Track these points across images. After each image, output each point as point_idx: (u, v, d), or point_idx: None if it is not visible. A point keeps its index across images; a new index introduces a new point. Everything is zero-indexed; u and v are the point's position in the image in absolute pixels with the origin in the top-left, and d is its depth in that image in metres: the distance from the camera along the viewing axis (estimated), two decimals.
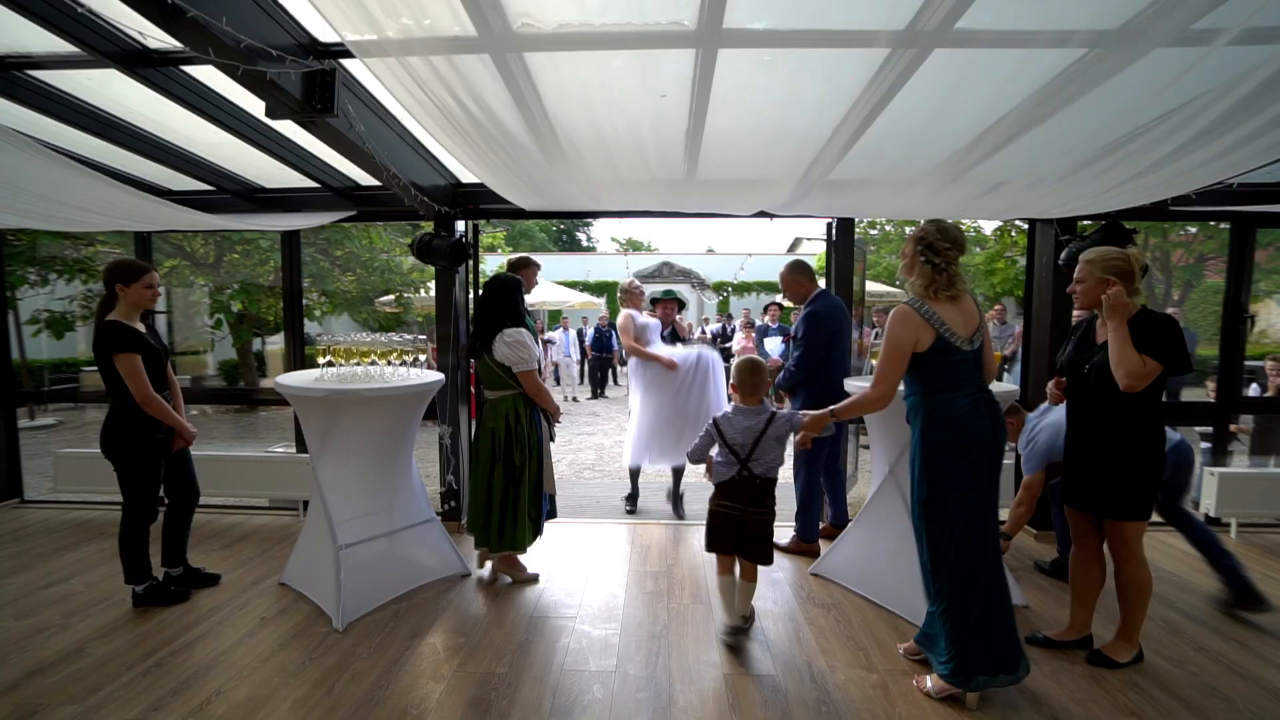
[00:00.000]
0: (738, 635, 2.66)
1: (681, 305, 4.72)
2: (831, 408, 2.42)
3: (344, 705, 2.22)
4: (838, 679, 2.40)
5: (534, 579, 3.25)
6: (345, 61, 2.52)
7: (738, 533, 2.57)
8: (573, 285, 17.23)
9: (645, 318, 4.33)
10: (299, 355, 4.21)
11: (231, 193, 3.91)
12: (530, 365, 3.02)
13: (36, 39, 2.40)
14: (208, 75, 2.70)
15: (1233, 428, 4.94)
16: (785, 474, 3.06)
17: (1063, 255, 3.52)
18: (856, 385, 3.08)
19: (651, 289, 4.80)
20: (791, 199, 3.35)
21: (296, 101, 2.24)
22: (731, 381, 2.66)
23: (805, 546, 3.66)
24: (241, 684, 2.34)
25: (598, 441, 8.02)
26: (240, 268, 9.21)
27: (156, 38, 2.35)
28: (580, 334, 13.88)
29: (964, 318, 2.20)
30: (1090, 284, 2.33)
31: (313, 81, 2.27)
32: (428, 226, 3.94)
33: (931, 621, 2.30)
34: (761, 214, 3.72)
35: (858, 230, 4.14)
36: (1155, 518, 2.54)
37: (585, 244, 41.44)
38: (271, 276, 9.45)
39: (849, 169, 3.05)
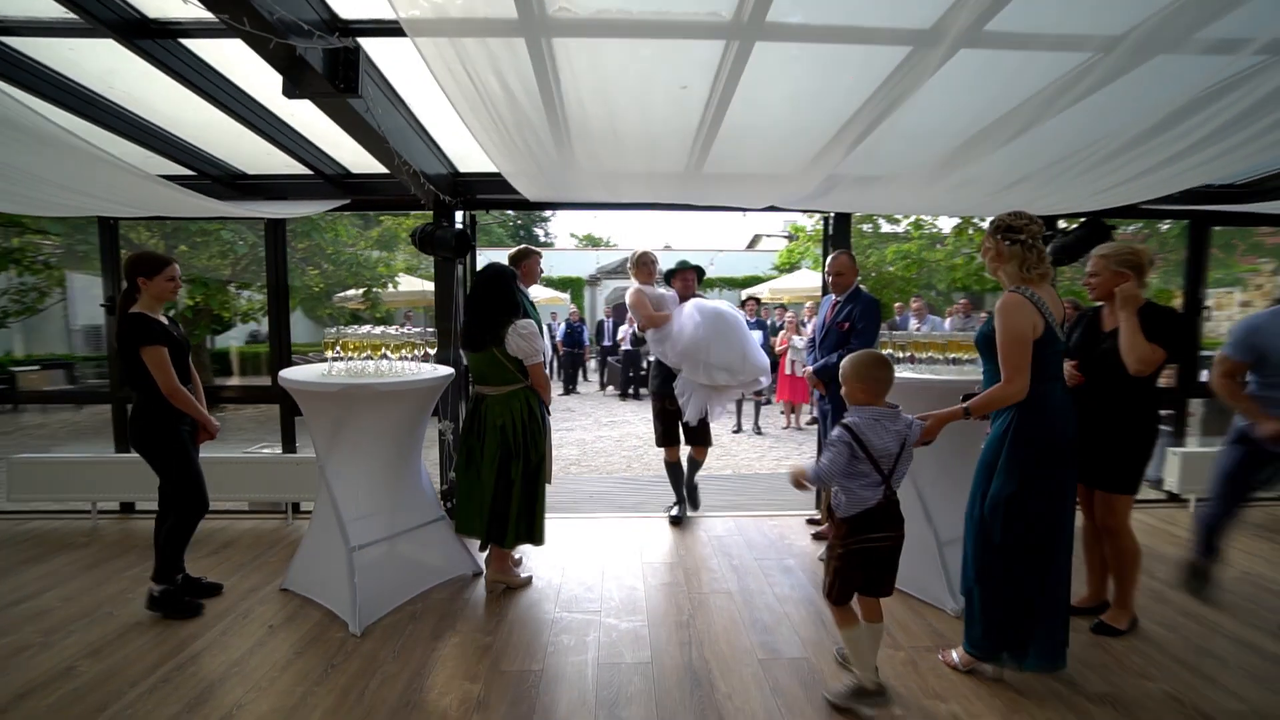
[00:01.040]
0: (864, 700, 2.15)
1: (701, 275, 4.13)
2: (965, 405, 2.19)
3: (379, 711, 2.13)
4: None
5: (527, 582, 3.15)
6: (361, 40, 2.41)
7: (882, 568, 2.13)
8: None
9: (659, 290, 3.94)
10: (285, 352, 4.00)
11: (212, 178, 3.67)
12: (540, 358, 2.96)
13: (13, 4, 2.19)
14: (206, 51, 2.53)
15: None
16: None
17: (1049, 249, 3.70)
18: None
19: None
20: (810, 193, 3.39)
21: (320, 80, 2.13)
22: (856, 382, 2.12)
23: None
24: (263, 695, 2.22)
25: (578, 437, 7.96)
26: (195, 260, 8.65)
27: (158, 8, 2.22)
28: (550, 329, 13.74)
29: (1056, 304, 2.20)
30: (1105, 277, 2.47)
31: (336, 60, 2.17)
32: (409, 220, 3.81)
33: (970, 599, 2.32)
34: (772, 208, 3.77)
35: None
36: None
37: (543, 239, 40.92)
38: (228, 271, 8.94)
39: (862, 165, 3.12)
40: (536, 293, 14.33)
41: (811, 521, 4.00)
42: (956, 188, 3.48)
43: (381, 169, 3.59)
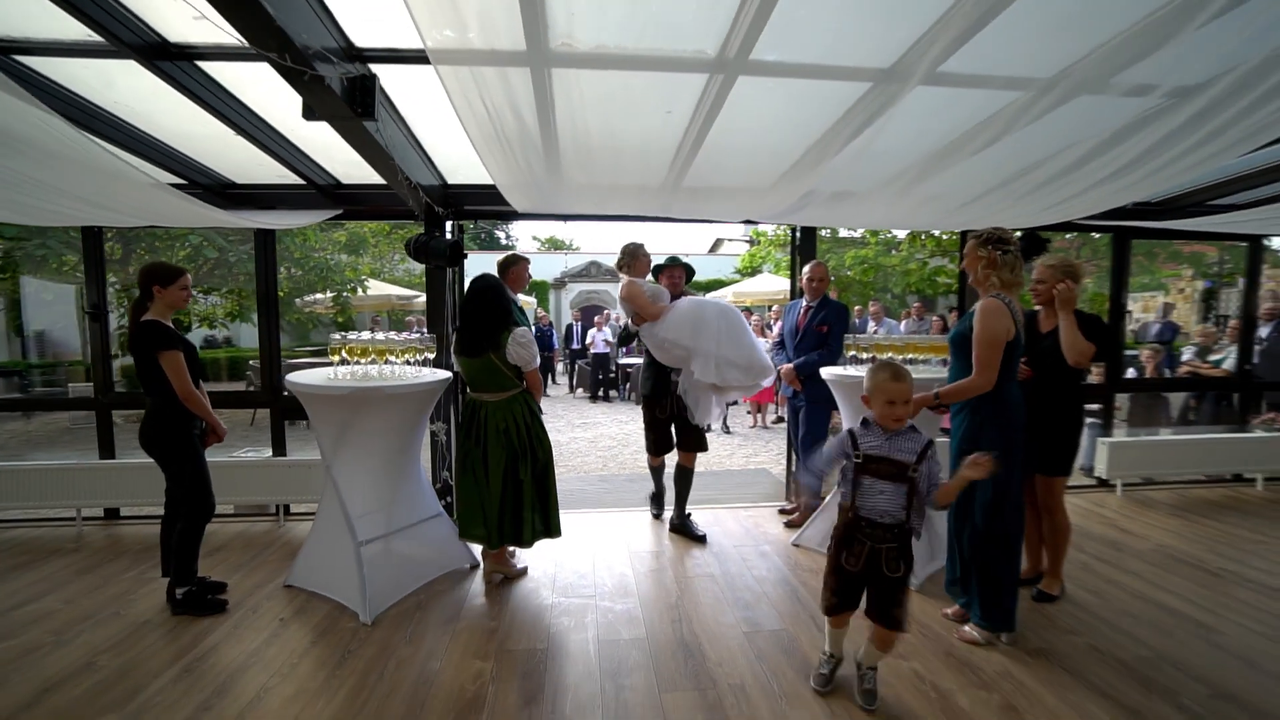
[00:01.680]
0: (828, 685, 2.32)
1: (690, 273, 3.99)
2: (936, 391, 2.57)
3: (401, 689, 2.31)
4: None
5: (523, 573, 3.35)
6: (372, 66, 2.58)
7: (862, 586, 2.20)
8: None
9: (653, 284, 3.79)
10: (275, 359, 4.08)
11: (202, 187, 3.74)
12: (536, 363, 3.16)
13: (38, 25, 2.28)
14: (214, 69, 2.65)
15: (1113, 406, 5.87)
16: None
17: None
18: (832, 373, 3.47)
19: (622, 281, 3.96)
20: (785, 209, 3.70)
21: (339, 104, 2.29)
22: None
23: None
24: (285, 681, 2.36)
25: (553, 439, 8.10)
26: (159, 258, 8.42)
27: (179, 33, 2.35)
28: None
29: (1020, 312, 2.56)
30: (1051, 283, 2.84)
31: (354, 86, 2.33)
32: (376, 226, 3.95)
33: (966, 576, 2.66)
34: (748, 221, 4.06)
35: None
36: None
37: (505, 242, 40.61)
38: (192, 274, 8.75)
39: (834, 183, 3.45)
40: None
41: (783, 511, 4.31)
42: (920, 204, 3.84)
43: (372, 180, 3.75)
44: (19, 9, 2.23)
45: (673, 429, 3.85)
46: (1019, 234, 4.23)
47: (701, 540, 3.79)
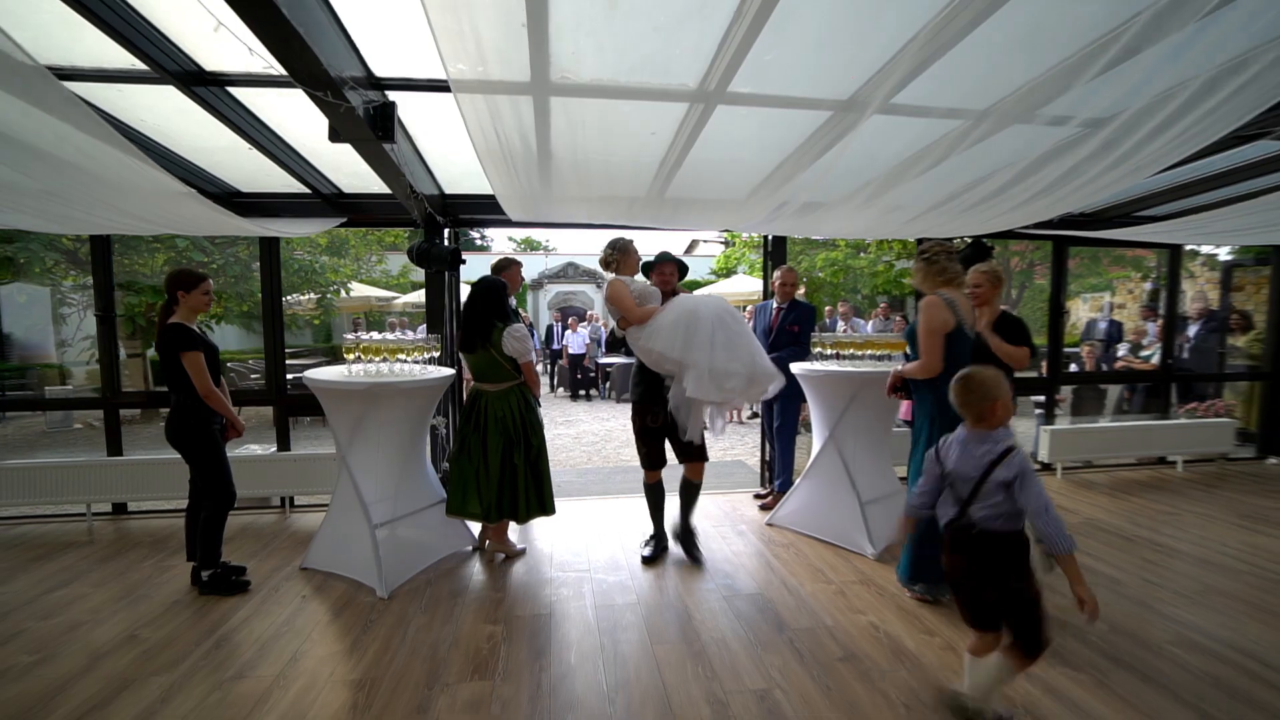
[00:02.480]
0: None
1: (684, 270, 3.66)
2: (897, 369, 3.11)
3: (422, 649, 2.60)
4: (806, 590, 3.14)
5: (522, 552, 3.64)
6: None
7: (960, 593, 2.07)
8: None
9: (643, 283, 3.50)
10: (280, 362, 4.30)
11: (211, 196, 3.93)
12: (531, 356, 3.47)
13: (86, 54, 2.51)
14: (239, 91, 2.90)
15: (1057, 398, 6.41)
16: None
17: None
18: (803, 369, 3.85)
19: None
20: (760, 220, 4.07)
21: (363, 128, 2.57)
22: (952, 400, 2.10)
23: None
24: (316, 645, 2.63)
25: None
26: (138, 266, 8.42)
27: (214, 62, 2.61)
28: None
29: (966, 307, 2.94)
30: (986, 288, 3.25)
31: (377, 113, 2.61)
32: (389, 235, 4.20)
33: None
34: (726, 231, 4.42)
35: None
36: None
37: (479, 242, 40.49)
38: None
39: (803, 195, 3.82)
40: None
41: (758, 496, 4.68)
42: (882, 215, 4.25)
43: (374, 189, 4.01)
44: (65, 37, 2.46)
45: (664, 440, 3.48)
46: (968, 241, 4.70)
47: (698, 562, 3.48)
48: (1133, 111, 2.83)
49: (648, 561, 3.51)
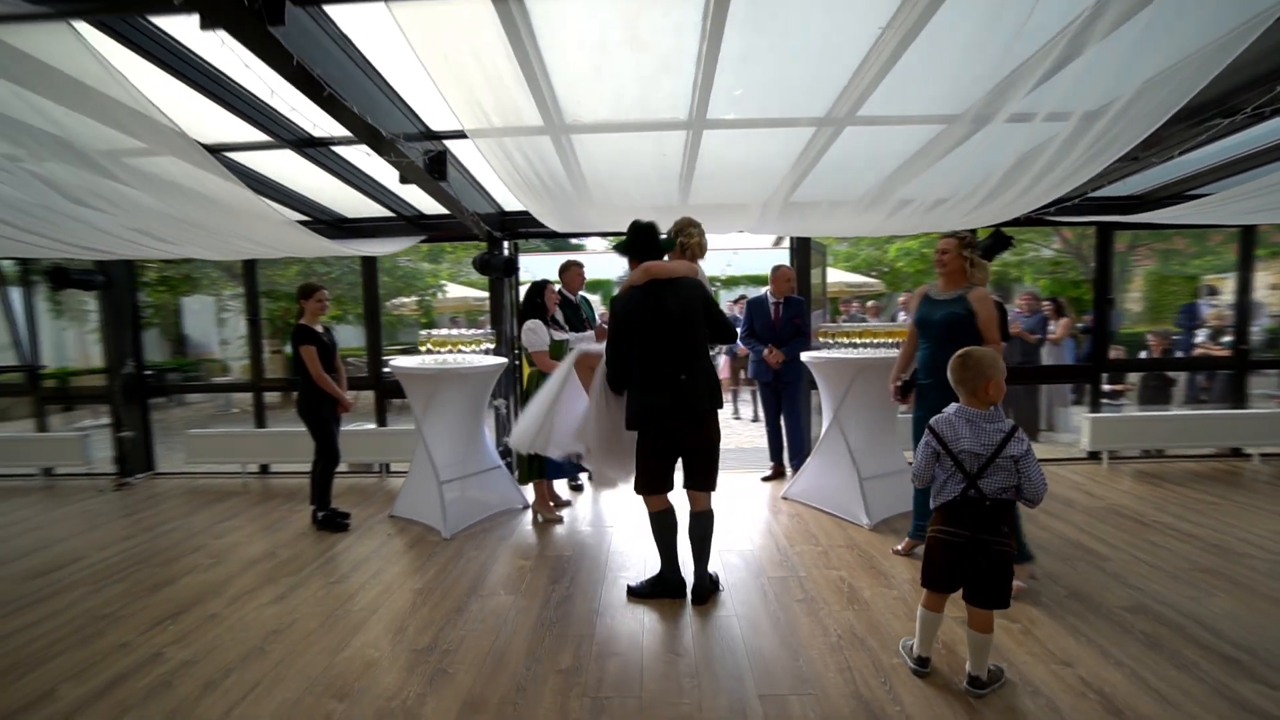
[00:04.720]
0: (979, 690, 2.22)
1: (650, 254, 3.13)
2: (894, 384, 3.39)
3: (469, 571, 3.36)
4: (795, 550, 3.57)
5: (560, 519, 4.25)
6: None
7: (962, 565, 2.18)
8: None
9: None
10: (378, 352, 5.33)
11: (325, 223, 4.99)
12: (538, 347, 4.08)
13: (234, 134, 3.48)
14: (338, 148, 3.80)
15: (1121, 386, 6.21)
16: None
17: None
18: (809, 356, 4.24)
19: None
20: (758, 223, 4.51)
21: (423, 174, 3.35)
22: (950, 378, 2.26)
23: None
24: (392, 565, 3.48)
25: None
26: (277, 278, 10.23)
27: (323, 130, 3.49)
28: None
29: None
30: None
31: (433, 160, 3.38)
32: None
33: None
34: (742, 233, 4.89)
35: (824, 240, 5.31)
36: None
37: (574, 242, 42.18)
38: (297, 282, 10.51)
39: (803, 195, 4.22)
40: None
41: (766, 479, 5.03)
42: (892, 211, 4.51)
43: (446, 212, 4.87)
44: (226, 126, 3.43)
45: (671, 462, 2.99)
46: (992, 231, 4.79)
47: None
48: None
49: (636, 595, 3.03)
